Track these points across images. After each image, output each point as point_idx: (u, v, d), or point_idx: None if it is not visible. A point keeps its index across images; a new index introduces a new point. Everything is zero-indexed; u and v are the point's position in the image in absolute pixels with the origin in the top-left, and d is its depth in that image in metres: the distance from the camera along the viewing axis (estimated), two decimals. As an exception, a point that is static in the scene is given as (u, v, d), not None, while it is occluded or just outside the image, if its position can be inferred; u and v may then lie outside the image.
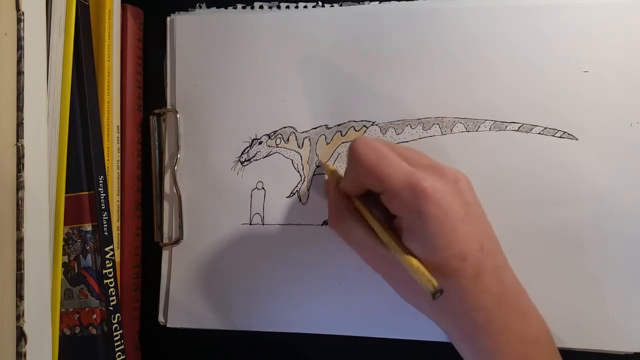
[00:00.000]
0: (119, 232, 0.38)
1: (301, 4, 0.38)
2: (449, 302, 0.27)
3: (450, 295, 0.27)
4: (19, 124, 0.30)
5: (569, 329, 0.34)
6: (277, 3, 0.39)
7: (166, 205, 0.39)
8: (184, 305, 0.38)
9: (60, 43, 0.34)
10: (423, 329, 0.35)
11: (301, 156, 0.37)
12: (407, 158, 0.28)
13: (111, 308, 0.35)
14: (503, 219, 0.34)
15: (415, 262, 0.26)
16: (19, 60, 0.31)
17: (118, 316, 0.36)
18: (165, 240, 0.39)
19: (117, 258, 0.37)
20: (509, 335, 0.27)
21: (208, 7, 0.40)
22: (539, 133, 0.35)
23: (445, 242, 0.26)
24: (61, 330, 0.35)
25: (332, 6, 0.38)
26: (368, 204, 0.30)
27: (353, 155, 0.29)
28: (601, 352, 0.34)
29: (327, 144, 0.37)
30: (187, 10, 0.40)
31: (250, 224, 0.38)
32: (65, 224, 0.34)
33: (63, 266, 0.35)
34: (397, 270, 0.28)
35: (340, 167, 0.37)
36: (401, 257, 0.27)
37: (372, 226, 0.30)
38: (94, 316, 0.35)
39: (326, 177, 0.36)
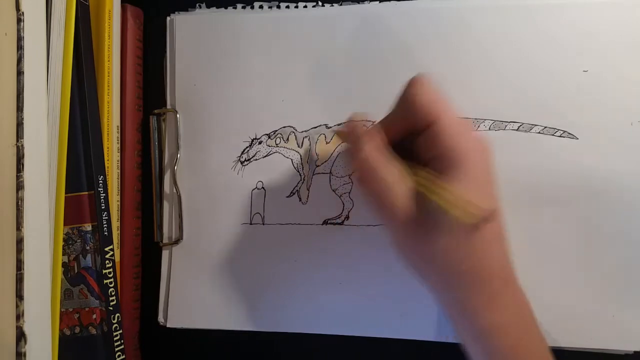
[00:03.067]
0: (119, 232, 0.38)
1: (301, 4, 0.38)
2: (463, 267, 0.27)
3: (469, 259, 0.27)
4: (19, 124, 0.30)
5: (569, 329, 0.34)
6: (277, 3, 0.39)
7: (166, 205, 0.39)
8: (184, 305, 0.38)
9: (60, 43, 0.34)
10: (423, 328, 0.35)
11: (301, 156, 0.37)
12: None
13: (111, 308, 0.35)
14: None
15: (457, 191, 0.26)
16: (19, 60, 0.31)
17: (118, 316, 0.36)
18: (165, 240, 0.39)
19: (117, 258, 0.37)
20: (509, 315, 0.28)
21: (208, 7, 0.40)
22: (539, 132, 0.35)
23: (479, 193, 0.26)
24: (61, 330, 0.35)
25: (332, 6, 0.38)
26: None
27: (414, 84, 0.29)
28: (601, 351, 0.34)
29: (327, 143, 0.37)
30: (187, 10, 0.40)
31: (251, 224, 0.38)
32: (65, 224, 0.34)
33: (63, 266, 0.35)
34: (416, 229, 0.27)
35: (341, 167, 0.37)
36: (442, 186, 0.26)
37: (403, 168, 0.28)
38: (94, 316, 0.35)
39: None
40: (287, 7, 0.38)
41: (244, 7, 0.39)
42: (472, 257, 0.27)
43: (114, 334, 0.35)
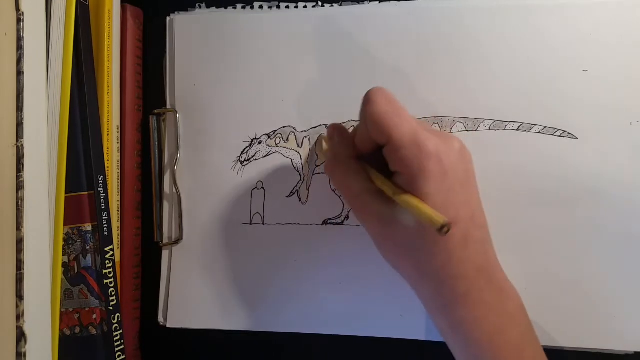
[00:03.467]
0: (119, 232, 0.38)
1: (301, 4, 0.38)
2: (433, 265, 0.28)
3: (436, 258, 0.27)
4: (19, 124, 0.30)
5: (568, 329, 0.34)
6: (277, 3, 0.39)
7: (166, 205, 0.39)
8: (184, 305, 0.38)
9: (60, 43, 0.34)
10: (423, 328, 0.35)
11: (301, 156, 0.37)
12: (417, 122, 0.29)
13: (111, 308, 0.35)
14: (502, 217, 0.34)
15: (417, 200, 0.26)
16: (19, 60, 0.31)
17: (118, 316, 0.36)
18: (165, 240, 0.39)
19: (117, 258, 0.37)
20: (486, 309, 0.28)
21: (208, 7, 0.40)
22: (539, 132, 0.35)
23: (440, 203, 0.26)
24: (61, 330, 0.35)
25: (332, 6, 0.38)
26: (368, 162, 0.30)
27: (366, 101, 0.28)
28: (601, 351, 0.34)
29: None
30: (187, 10, 0.40)
31: (251, 224, 0.38)
32: (65, 224, 0.34)
33: (63, 266, 0.35)
34: (386, 227, 0.29)
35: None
36: (403, 197, 0.27)
37: (370, 175, 0.29)
38: (94, 316, 0.35)
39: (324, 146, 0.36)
40: (287, 7, 0.38)
41: (244, 7, 0.39)
42: (438, 258, 0.27)
43: (114, 334, 0.35)
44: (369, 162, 0.30)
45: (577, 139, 0.34)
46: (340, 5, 0.38)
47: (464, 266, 0.27)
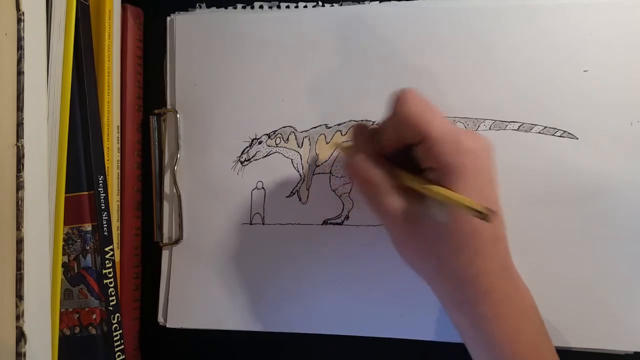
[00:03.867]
0: (119, 232, 0.38)
1: (301, 4, 0.38)
2: (459, 264, 0.28)
3: (462, 255, 0.27)
4: (19, 124, 0.30)
5: (569, 329, 0.34)
6: (277, 3, 0.39)
7: (166, 205, 0.39)
8: (184, 306, 0.38)
9: (60, 43, 0.34)
10: (423, 328, 0.35)
11: (301, 156, 0.37)
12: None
13: (111, 308, 0.35)
14: (503, 218, 0.34)
15: (453, 192, 0.26)
16: (19, 60, 0.31)
17: (118, 316, 0.36)
18: (165, 240, 0.39)
19: (117, 258, 0.37)
20: (507, 305, 0.28)
21: (208, 7, 0.40)
22: (539, 132, 0.35)
23: (475, 198, 0.26)
24: (61, 330, 0.35)
25: (332, 6, 0.38)
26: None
27: (400, 100, 0.28)
28: (601, 351, 0.34)
29: (327, 143, 0.37)
30: (187, 10, 0.40)
31: (251, 224, 0.38)
32: (65, 224, 0.34)
33: (63, 266, 0.35)
34: (411, 227, 0.29)
35: (341, 167, 0.37)
36: (438, 190, 0.27)
37: (398, 173, 0.29)
38: (94, 316, 0.35)
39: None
40: (287, 7, 0.38)
41: (244, 7, 0.39)
42: (465, 255, 0.27)
43: (114, 334, 0.35)
44: (393, 161, 0.30)
45: (577, 139, 0.34)
46: (340, 5, 0.38)
47: (490, 263, 0.27)
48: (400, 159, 0.30)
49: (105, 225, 0.35)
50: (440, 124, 0.27)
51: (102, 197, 0.35)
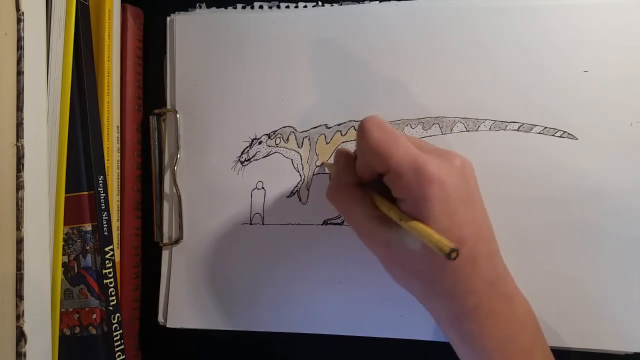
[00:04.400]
0: (119, 232, 0.38)
1: (301, 4, 0.38)
2: (443, 284, 0.28)
3: (445, 278, 0.27)
4: (19, 124, 0.30)
5: (569, 329, 0.34)
6: (277, 3, 0.39)
7: (166, 205, 0.39)
8: (184, 305, 0.38)
9: (60, 43, 0.34)
10: (423, 328, 0.35)
11: (301, 156, 0.37)
12: (415, 143, 0.29)
13: (111, 308, 0.35)
14: (503, 218, 0.34)
15: (425, 227, 0.26)
16: (19, 60, 0.31)
17: (118, 316, 0.36)
18: (165, 240, 0.39)
19: (117, 258, 0.37)
20: (496, 319, 0.28)
21: (208, 7, 0.40)
22: (539, 133, 0.35)
23: (446, 225, 0.26)
24: (61, 330, 0.35)
25: (332, 6, 0.38)
26: (371, 188, 0.30)
27: (361, 132, 0.28)
28: (601, 351, 0.34)
29: (327, 143, 0.37)
30: (187, 10, 0.40)
31: (251, 224, 0.38)
32: (65, 224, 0.34)
33: (63, 266, 0.35)
34: (393, 251, 0.29)
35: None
36: (410, 224, 0.26)
37: (375, 201, 0.29)
38: (94, 316, 0.35)
39: (327, 170, 0.36)
40: (287, 7, 0.38)
41: (244, 7, 0.39)
42: (447, 278, 0.27)
43: (114, 334, 0.35)
44: (373, 188, 0.30)
45: (577, 139, 0.34)
46: (340, 5, 0.38)
47: (472, 282, 0.27)
48: (381, 184, 0.29)
49: (105, 225, 0.35)
50: (402, 153, 0.27)
51: (102, 197, 0.35)
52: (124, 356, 0.36)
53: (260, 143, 0.38)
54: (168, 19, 0.40)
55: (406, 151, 0.27)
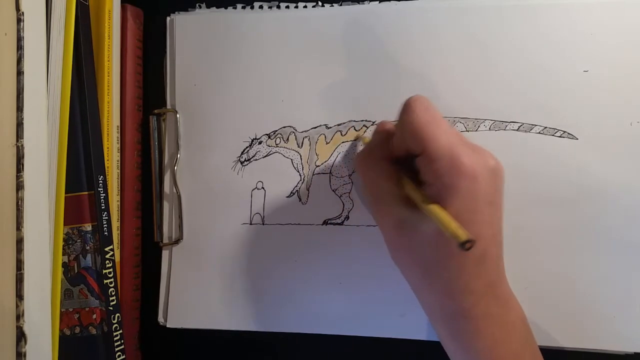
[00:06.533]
0: (119, 232, 0.38)
1: (301, 4, 0.38)
2: (443, 279, 0.28)
3: (448, 271, 0.27)
4: (19, 124, 0.30)
5: (569, 329, 0.34)
6: (277, 3, 0.39)
7: (166, 205, 0.39)
8: (184, 305, 0.38)
9: (60, 43, 0.34)
10: (423, 328, 0.35)
11: (301, 156, 0.37)
12: (455, 133, 0.28)
13: (111, 308, 0.35)
14: (503, 218, 0.34)
15: (445, 213, 0.26)
16: (19, 60, 0.31)
17: (118, 316, 0.36)
18: (165, 240, 0.39)
19: (117, 258, 0.37)
20: (490, 321, 0.28)
21: (208, 7, 0.40)
22: (539, 132, 0.35)
23: (465, 220, 0.26)
24: (61, 330, 0.35)
25: (332, 6, 0.38)
26: (400, 167, 0.30)
27: (406, 110, 0.28)
28: (601, 351, 0.34)
29: (327, 143, 0.37)
30: (187, 10, 0.40)
31: (251, 224, 0.38)
32: (65, 224, 0.34)
33: (63, 266, 0.35)
34: (404, 233, 0.29)
35: (341, 167, 0.37)
36: (431, 207, 0.26)
37: (402, 180, 0.29)
38: (94, 316, 0.35)
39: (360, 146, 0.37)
40: (287, 7, 0.38)
41: (244, 7, 0.39)
42: (450, 271, 0.27)
43: (114, 334, 0.35)
44: (402, 167, 0.30)
45: (577, 139, 0.34)
46: (340, 5, 0.38)
47: (474, 282, 0.27)
48: (409, 165, 0.29)
49: (105, 225, 0.35)
50: (442, 139, 0.27)
51: (102, 197, 0.35)
52: (124, 356, 0.36)
53: (260, 143, 0.38)
54: (168, 19, 0.40)
55: (447, 138, 0.27)
